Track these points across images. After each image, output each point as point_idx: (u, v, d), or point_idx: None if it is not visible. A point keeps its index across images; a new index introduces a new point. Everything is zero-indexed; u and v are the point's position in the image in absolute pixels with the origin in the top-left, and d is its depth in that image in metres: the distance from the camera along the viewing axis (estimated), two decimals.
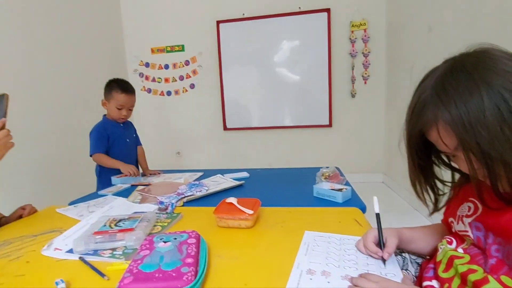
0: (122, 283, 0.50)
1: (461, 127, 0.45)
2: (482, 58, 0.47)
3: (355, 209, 0.93)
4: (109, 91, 1.57)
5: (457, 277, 0.52)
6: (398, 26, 2.71)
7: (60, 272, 0.64)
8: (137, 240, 0.71)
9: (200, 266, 0.57)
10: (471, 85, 0.45)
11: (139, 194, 1.21)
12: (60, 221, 0.97)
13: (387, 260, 0.60)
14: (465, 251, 0.54)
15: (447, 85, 0.47)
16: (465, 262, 0.52)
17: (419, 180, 0.59)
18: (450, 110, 0.46)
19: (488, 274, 0.47)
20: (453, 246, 0.57)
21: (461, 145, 0.46)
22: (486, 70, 0.45)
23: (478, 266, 0.49)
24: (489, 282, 0.46)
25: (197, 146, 3.46)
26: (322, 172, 1.29)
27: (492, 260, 0.48)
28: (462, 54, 0.50)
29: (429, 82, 0.50)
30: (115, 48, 3.29)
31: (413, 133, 0.53)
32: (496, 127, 0.43)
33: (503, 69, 0.44)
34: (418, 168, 0.58)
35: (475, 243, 0.53)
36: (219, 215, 0.82)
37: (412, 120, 0.52)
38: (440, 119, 0.47)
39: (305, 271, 0.58)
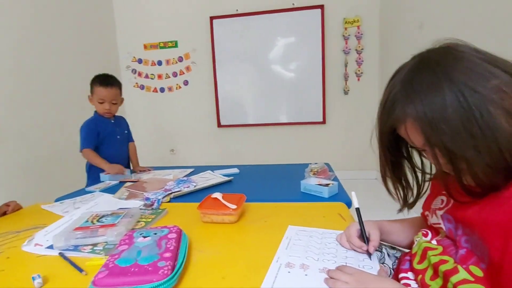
0: (96, 277, 0.50)
1: (426, 124, 0.45)
2: (446, 55, 0.47)
3: (340, 204, 0.93)
4: (91, 86, 1.56)
5: (430, 268, 0.53)
6: (390, 23, 2.71)
7: (39, 268, 0.64)
8: (118, 236, 0.71)
9: (178, 261, 0.57)
10: (434, 82, 0.45)
11: (126, 190, 1.20)
12: (44, 217, 0.96)
13: (372, 253, 0.61)
14: (438, 242, 0.55)
15: (413, 82, 0.47)
16: (438, 253, 0.52)
17: (390, 176, 0.59)
18: (416, 107, 0.46)
19: (458, 264, 0.47)
20: (428, 238, 0.58)
21: (426, 142, 0.46)
22: (448, 67, 0.45)
23: (449, 256, 0.50)
24: (459, 272, 0.47)
25: (192, 144, 3.44)
26: (311, 168, 1.29)
27: (462, 251, 0.48)
28: (428, 50, 0.50)
29: (398, 79, 0.50)
30: (108, 44, 3.25)
31: (384, 129, 0.54)
32: (458, 124, 0.43)
33: (466, 66, 0.44)
34: (390, 164, 0.58)
35: (447, 234, 0.53)
36: (203, 211, 0.82)
37: (382, 117, 0.53)
38: (407, 116, 0.47)
39: (284, 264, 0.58)
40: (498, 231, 0.42)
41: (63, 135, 2.42)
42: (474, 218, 0.47)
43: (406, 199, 0.60)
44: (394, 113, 0.49)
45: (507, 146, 0.41)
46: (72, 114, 2.43)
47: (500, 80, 0.43)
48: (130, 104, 3.46)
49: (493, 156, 0.42)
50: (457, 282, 0.46)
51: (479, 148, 0.42)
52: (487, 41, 1.41)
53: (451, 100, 0.43)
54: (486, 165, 0.43)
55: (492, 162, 0.42)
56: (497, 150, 0.42)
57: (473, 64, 0.44)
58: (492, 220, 0.43)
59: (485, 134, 0.42)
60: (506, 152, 0.42)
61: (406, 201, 0.60)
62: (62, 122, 2.44)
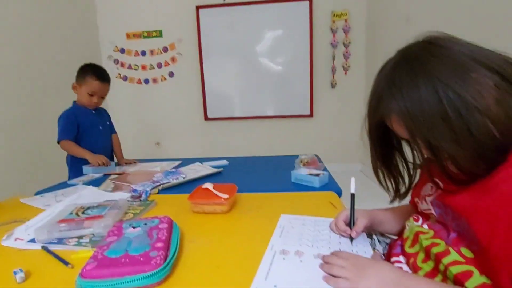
0: (84, 269, 0.48)
1: (408, 118, 0.46)
2: (425, 50, 0.48)
3: (331, 193, 0.94)
4: (83, 75, 1.48)
5: (421, 251, 0.54)
6: (377, 16, 2.74)
7: (21, 262, 0.60)
8: (105, 227, 0.68)
9: (170, 251, 0.55)
10: (413, 77, 0.46)
11: (111, 182, 1.16)
12: (24, 211, 0.91)
13: (355, 238, 0.62)
14: (429, 226, 0.56)
15: (395, 78, 0.48)
16: (429, 237, 0.54)
17: (381, 168, 0.60)
18: (398, 103, 0.47)
19: (449, 247, 0.49)
20: (419, 223, 0.59)
21: (409, 135, 0.48)
22: (426, 62, 0.46)
23: (441, 240, 0.51)
24: (450, 253, 0.48)
25: (178, 137, 3.38)
26: (301, 159, 1.29)
27: (454, 234, 0.49)
28: (409, 45, 0.51)
29: (382, 74, 0.52)
30: (88, 32, 3.11)
31: (373, 124, 0.55)
32: (435, 118, 0.44)
33: (443, 60, 0.45)
34: (380, 156, 0.59)
35: (438, 219, 0.54)
36: (194, 201, 0.80)
37: (370, 113, 0.55)
38: (391, 111, 0.49)
39: (278, 251, 0.58)
40: (485, 218, 0.43)
41: (41, 126, 2.31)
42: (461, 205, 0.48)
43: (398, 190, 0.61)
44: (380, 108, 0.51)
45: (484, 137, 0.42)
46: (50, 104, 2.32)
47: (477, 74, 0.44)
48: (113, 96, 3.32)
49: (472, 147, 0.43)
50: (448, 263, 0.47)
51: (458, 140, 0.43)
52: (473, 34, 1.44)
53: (428, 94, 0.44)
54: (467, 156, 0.44)
55: (472, 152, 0.43)
56: (474, 142, 0.43)
57: (451, 59, 0.45)
58: (479, 206, 0.44)
59: (462, 127, 0.43)
60: (484, 143, 0.43)
61: (398, 192, 0.62)
62: (40, 113, 2.32)
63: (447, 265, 0.47)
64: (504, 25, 1.27)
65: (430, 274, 0.51)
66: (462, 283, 0.45)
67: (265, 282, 0.48)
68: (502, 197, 0.42)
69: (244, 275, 0.51)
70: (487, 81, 0.43)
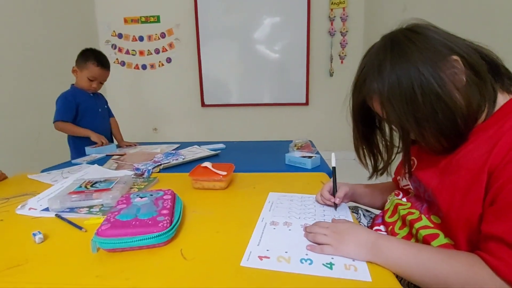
0: (100, 229, 0.54)
1: (384, 98, 0.52)
2: (404, 36, 0.53)
3: (322, 173, 1.01)
4: (84, 60, 1.50)
5: (399, 220, 0.61)
6: (375, 5, 2.76)
7: (37, 227, 0.66)
8: (113, 199, 0.74)
9: (175, 217, 0.61)
10: (392, 60, 0.51)
11: (114, 162, 1.21)
12: (32, 186, 0.96)
13: (338, 204, 0.69)
14: (408, 200, 0.63)
15: (377, 62, 0.54)
16: (407, 207, 0.61)
17: (362, 147, 0.66)
18: (378, 85, 0.53)
19: (422, 214, 0.56)
20: (399, 197, 0.66)
21: (385, 114, 0.54)
22: (403, 47, 0.51)
23: (416, 210, 0.58)
24: (422, 220, 0.55)
25: (175, 123, 3.41)
26: (295, 143, 1.36)
27: (425, 205, 0.57)
28: (392, 31, 0.56)
29: (367, 58, 0.57)
30: (85, 16, 3.08)
31: (356, 104, 0.61)
32: (405, 100, 0.50)
33: (418, 46, 0.50)
34: (362, 135, 0.65)
35: (415, 193, 0.61)
36: (194, 177, 0.86)
37: (354, 94, 0.60)
38: (373, 92, 0.54)
39: (269, 223, 0.64)
40: (446, 190, 0.51)
41: (38, 108, 2.32)
42: (429, 179, 0.55)
43: (377, 167, 0.67)
44: (363, 89, 0.56)
45: (447, 121, 0.49)
46: (48, 86, 2.33)
47: (447, 61, 0.49)
48: (110, 81, 3.31)
49: (436, 128, 0.50)
50: (419, 227, 0.55)
51: (424, 121, 0.50)
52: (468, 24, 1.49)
53: (403, 78, 0.50)
54: (431, 135, 0.51)
55: (436, 133, 0.50)
56: (437, 124, 0.49)
57: (426, 46, 0.50)
58: (443, 181, 0.52)
59: (428, 110, 0.49)
60: (446, 126, 0.49)
61: (376, 168, 0.67)
62: (36, 95, 2.33)
63: (418, 229, 0.55)
64: (501, 15, 1.31)
65: (405, 238, 0.58)
66: (428, 243, 0.52)
67: (258, 247, 0.54)
68: (460, 172, 0.49)
69: (239, 240, 0.57)
70: (455, 70, 0.49)
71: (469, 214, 0.46)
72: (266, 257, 0.51)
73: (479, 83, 0.49)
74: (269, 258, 0.50)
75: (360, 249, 0.49)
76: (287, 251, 0.52)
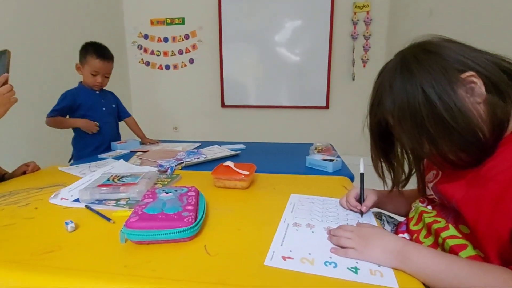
0: (128, 221, 0.56)
1: (395, 122, 0.54)
2: (415, 54, 0.53)
3: (344, 177, 0.99)
4: (84, 55, 1.46)
5: (424, 228, 0.59)
6: (400, 9, 2.69)
7: (69, 216, 0.69)
8: (139, 193, 0.76)
9: (199, 213, 0.63)
10: (403, 80, 0.52)
11: (138, 158, 1.25)
12: (63, 177, 1.01)
13: (365, 213, 0.67)
14: (433, 207, 0.61)
15: (388, 82, 0.54)
16: (432, 215, 0.59)
17: (380, 161, 0.65)
18: (389, 106, 0.53)
19: (449, 224, 0.54)
20: (424, 205, 0.64)
21: (397, 134, 0.55)
22: (414, 67, 0.51)
23: (442, 218, 0.56)
24: (449, 229, 0.53)
25: (195, 122, 3.47)
26: (316, 146, 1.35)
27: (453, 214, 0.55)
28: (405, 48, 0.56)
29: (381, 78, 0.58)
30: (114, 18, 3.21)
31: (373, 124, 0.61)
32: (413, 123, 0.50)
33: (430, 65, 0.50)
34: (381, 151, 0.65)
35: (440, 202, 0.59)
36: (216, 176, 0.88)
37: (371, 114, 0.60)
38: (386, 114, 0.55)
39: (291, 224, 0.64)
40: (472, 204, 0.49)
41: None
42: (453, 193, 0.53)
43: (398, 180, 0.66)
44: (379, 110, 0.57)
45: (468, 136, 0.48)
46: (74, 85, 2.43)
47: (463, 79, 0.48)
48: (134, 80, 3.46)
49: (456, 144, 0.49)
50: (446, 237, 0.53)
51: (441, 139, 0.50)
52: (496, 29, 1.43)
53: (414, 98, 0.50)
54: (450, 151, 0.50)
55: (455, 148, 0.50)
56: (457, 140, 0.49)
57: (439, 65, 0.50)
58: (468, 195, 0.50)
59: (444, 129, 0.48)
60: (467, 141, 0.48)
61: (398, 182, 0.66)
62: None
63: (444, 238, 0.53)
64: None
65: (431, 247, 0.56)
66: (456, 253, 0.50)
67: (281, 247, 0.54)
68: (489, 185, 0.47)
69: (261, 239, 0.58)
70: (471, 85, 0.48)
71: (499, 229, 0.44)
72: (289, 257, 0.51)
73: (499, 96, 0.48)
74: (292, 259, 0.50)
75: (386, 255, 0.48)
76: (310, 253, 0.52)
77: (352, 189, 0.73)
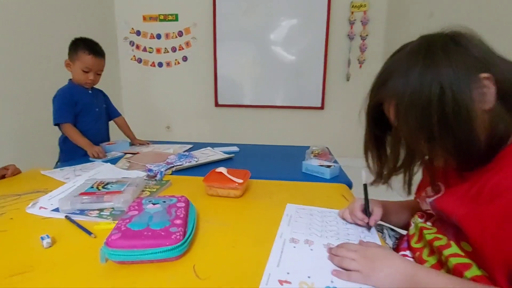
0: (109, 238, 0.50)
1: (402, 107, 0.48)
2: (444, 43, 0.48)
3: (342, 185, 0.95)
4: (75, 50, 1.37)
5: (426, 246, 0.56)
6: (399, 9, 2.67)
7: (46, 229, 0.64)
8: (125, 202, 0.71)
9: (188, 228, 0.58)
10: (423, 67, 0.47)
11: (127, 161, 1.19)
12: (45, 182, 0.95)
13: (373, 226, 0.63)
14: (433, 224, 0.58)
15: (406, 64, 0.49)
16: (433, 232, 0.56)
17: (370, 149, 0.61)
18: (400, 89, 0.48)
19: (450, 241, 0.50)
20: (422, 220, 0.60)
21: (395, 119, 0.50)
22: (439, 56, 0.47)
23: (443, 235, 0.53)
24: (451, 246, 0.49)
25: (188, 122, 3.40)
26: (312, 150, 1.31)
27: (454, 230, 0.51)
28: (432, 34, 0.51)
29: (397, 57, 0.52)
30: (104, 13, 3.11)
31: (372, 104, 0.56)
32: (424, 110, 0.46)
33: (453, 60, 0.46)
34: (373, 138, 0.60)
35: (439, 217, 0.56)
36: (209, 184, 0.82)
37: (373, 91, 0.55)
38: (392, 95, 0.50)
39: (288, 240, 0.59)
40: (476, 224, 0.45)
41: None
42: (454, 211, 0.49)
43: (381, 174, 0.61)
44: (384, 89, 0.52)
45: (466, 139, 0.45)
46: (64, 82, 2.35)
47: (482, 80, 0.45)
48: (126, 78, 3.37)
49: (451, 144, 0.46)
50: (449, 255, 0.49)
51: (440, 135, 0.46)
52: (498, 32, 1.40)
53: (429, 89, 0.45)
54: (444, 153, 0.47)
55: (450, 149, 0.47)
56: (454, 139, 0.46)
57: (463, 60, 0.46)
58: (470, 214, 0.46)
59: (448, 126, 0.45)
60: (465, 144, 0.45)
61: (381, 176, 0.62)
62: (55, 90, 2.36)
63: (447, 256, 0.49)
64: None
65: (435, 266, 0.52)
66: (461, 273, 0.46)
67: (278, 268, 0.49)
68: (495, 201, 0.43)
69: (257, 258, 0.53)
70: (484, 90, 0.45)
71: (506, 248, 0.41)
72: (286, 281, 0.46)
73: (507, 108, 0.46)
74: (290, 283, 0.46)
75: (394, 280, 0.44)
76: (310, 276, 0.47)
77: (356, 201, 0.68)
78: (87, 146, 1.32)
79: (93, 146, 1.32)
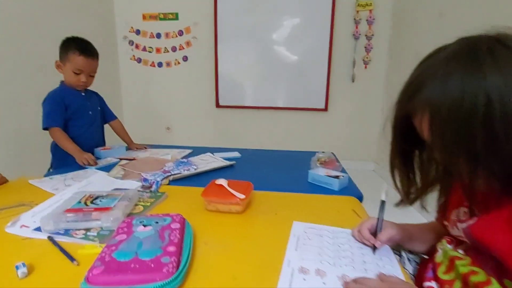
0: (90, 273, 0.43)
1: (438, 119, 0.41)
2: (489, 47, 0.40)
3: (353, 198, 0.88)
4: (65, 51, 1.29)
5: (458, 279, 0.48)
6: (406, 9, 2.58)
7: (24, 253, 0.57)
8: (114, 221, 0.64)
9: (183, 256, 0.51)
10: (465, 76, 0.40)
11: (121, 169, 1.12)
12: (31, 194, 0.88)
13: (378, 248, 0.56)
14: (466, 253, 0.50)
15: (445, 68, 0.42)
16: (467, 263, 0.48)
17: (398, 166, 0.54)
18: (437, 98, 0.41)
19: (490, 277, 0.43)
20: (452, 246, 0.53)
21: (429, 132, 0.43)
22: (482, 62, 0.39)
23: (480, 268, 0.46)
24: (492, 284, 0.42)
25: (188, 123, 3.33)
26: (318, 157, 1.23)
27: (493, 264, 0.44)
28: (475, 36, 0.43)
29: (433, 61, 0.45)
30: (103, 11, 3.04)
31: (400, 115, 0.48)
32: (460, 127, 0.39)
33: (502, 66, 0.39)
34: (401, 154, 0.53)
35: (473, 246, 0.48)
36: (208, 198, 0.75)
37: (402, 101, 0.47)
38: (426, 105, 0.43)
39: (297, 269, 0.52)
40: None
41: None
42: (496, 243, 0.43)
43: (409, 195, 0.55)
44: (416, 98, 0.44)
45: None
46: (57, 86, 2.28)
47: None
48: (125, 78, 3.31)
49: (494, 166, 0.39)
50: None
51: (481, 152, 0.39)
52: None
53: (471, 98, 0.38)
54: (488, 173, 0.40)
55: (492, 172, 0.40)
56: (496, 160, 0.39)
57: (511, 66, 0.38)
58: None
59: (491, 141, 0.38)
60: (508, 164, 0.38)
61: (408, 196, 0.55)
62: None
63: None
64: None
65: None
66: None
67: None
68: None
69: None
70: None
71: None
72: None
73: None
74: None
75: None
76: None
77: (368, 219, 0.62)
78: (75, 153, 1.22)
79: (82, 153, 1.21)
